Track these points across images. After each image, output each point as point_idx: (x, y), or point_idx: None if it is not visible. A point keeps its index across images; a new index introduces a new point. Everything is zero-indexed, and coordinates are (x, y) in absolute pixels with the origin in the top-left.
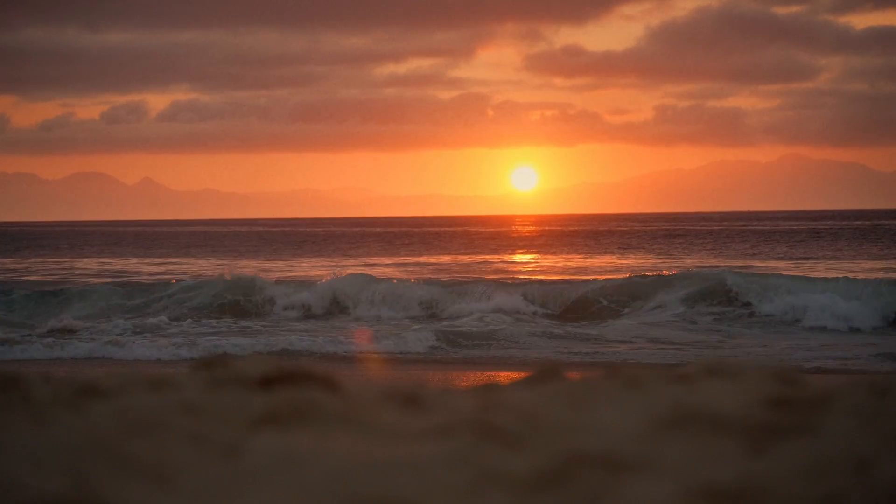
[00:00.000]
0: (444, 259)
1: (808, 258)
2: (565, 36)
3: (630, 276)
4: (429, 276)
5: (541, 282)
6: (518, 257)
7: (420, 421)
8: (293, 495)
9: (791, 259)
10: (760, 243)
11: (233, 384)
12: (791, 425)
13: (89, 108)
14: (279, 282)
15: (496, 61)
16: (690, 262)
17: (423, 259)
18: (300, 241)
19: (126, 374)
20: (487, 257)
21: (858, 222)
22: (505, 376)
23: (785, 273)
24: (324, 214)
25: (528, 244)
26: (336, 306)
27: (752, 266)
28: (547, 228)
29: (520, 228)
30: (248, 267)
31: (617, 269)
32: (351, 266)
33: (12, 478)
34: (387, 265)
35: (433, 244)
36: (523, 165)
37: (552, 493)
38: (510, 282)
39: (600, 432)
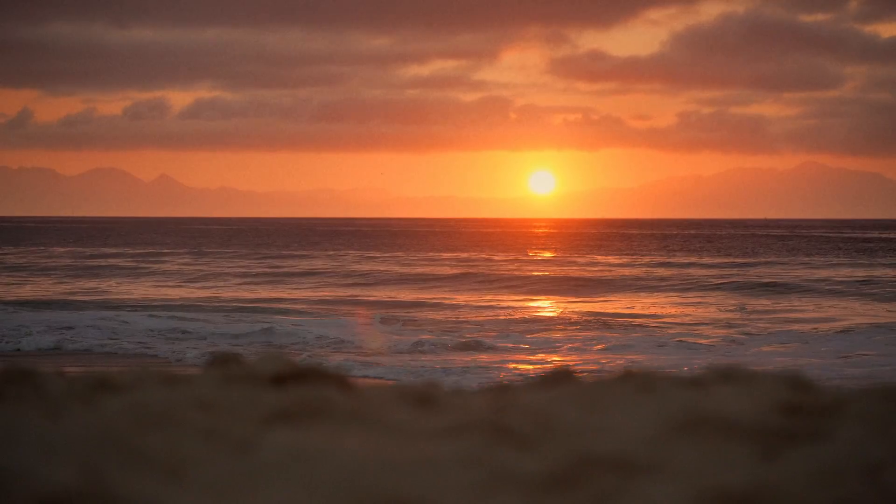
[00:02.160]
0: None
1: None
2: (590, 40)
3: None
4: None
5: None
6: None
7: (432, 421)
8: (305, 492)
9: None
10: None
11: (246, 381)
12: (803, 431)
13: (112, 104)
14: None
15: (520, 64)
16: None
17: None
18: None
19: (140, 370)
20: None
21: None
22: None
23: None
24: (340, 214)
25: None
26: None
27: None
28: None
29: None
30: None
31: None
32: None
33: (26, 470)
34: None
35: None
36: (543, 169)
37: (564, 495)
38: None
39: (612, 435)
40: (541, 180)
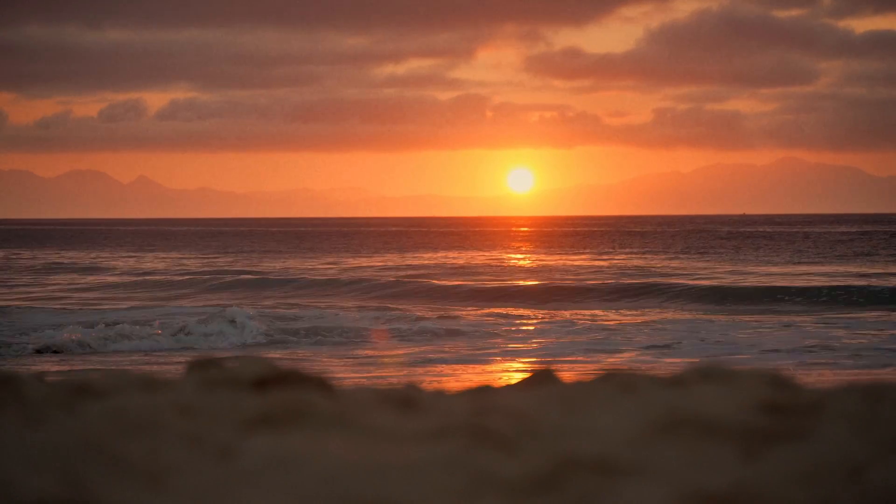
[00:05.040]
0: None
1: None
2: (565, 37)
3: None
4: None
5: None
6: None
7: (414, 423)
8: (287, 497)
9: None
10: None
11: (226, 385)
12: (784, 430)
13: (88, 106)
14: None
15: (495, 62)
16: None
17: None
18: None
19: (120, 375)
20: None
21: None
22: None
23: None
24: (318, 214)
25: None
26: None
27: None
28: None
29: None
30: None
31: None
32: None
33: (6, 478)
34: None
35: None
36: (521, 167)
37: (545, 497)
38: None
39: (594, 436)
40: (519, 178)
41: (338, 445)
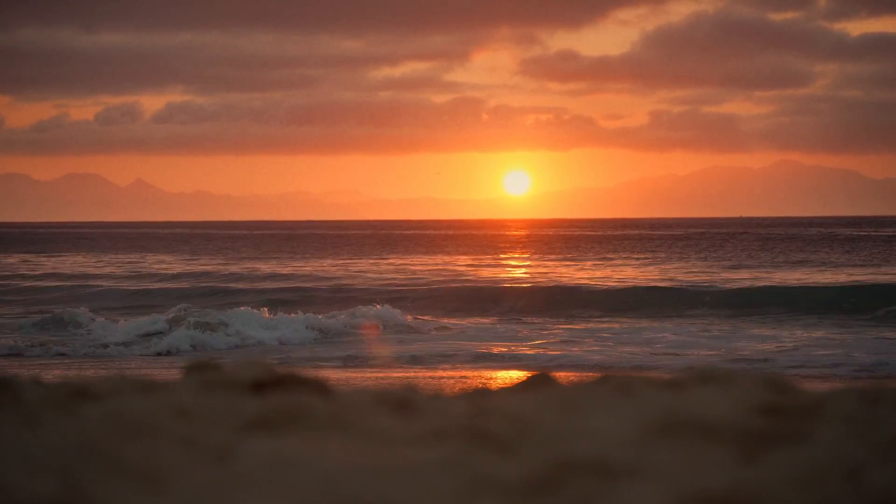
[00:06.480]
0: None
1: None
2: (560, 40)
3: None
4: None
5: None
6: None
7: (412, 426)
8: (285, 499)
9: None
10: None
11: (225, 388)
12: (782, 433)
13: (84, 109)
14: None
15: (491, 65)
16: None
17: None
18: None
19: (118, 377)
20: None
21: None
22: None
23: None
24: (315, 217)
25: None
26: None
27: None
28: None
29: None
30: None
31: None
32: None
33: (5, 481)
34: None
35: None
36: (517, 169)
37: (544, 499)
38: None
39: (592, 438)
40: (515, 181)
41: (336, 448)
